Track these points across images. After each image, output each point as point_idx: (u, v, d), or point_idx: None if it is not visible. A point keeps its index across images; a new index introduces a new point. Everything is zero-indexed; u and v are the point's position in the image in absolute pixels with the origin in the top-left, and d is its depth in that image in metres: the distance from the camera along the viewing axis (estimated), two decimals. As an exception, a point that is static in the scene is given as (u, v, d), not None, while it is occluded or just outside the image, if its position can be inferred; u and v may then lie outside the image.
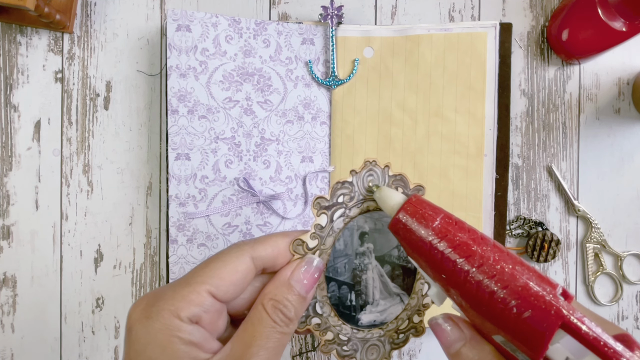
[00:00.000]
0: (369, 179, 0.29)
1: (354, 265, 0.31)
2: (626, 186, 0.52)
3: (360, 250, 0.31)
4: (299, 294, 0.26)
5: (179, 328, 0.24)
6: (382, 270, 0.32)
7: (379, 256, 0.31)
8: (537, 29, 0.52)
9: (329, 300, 0.30)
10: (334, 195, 0.29)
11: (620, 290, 0.51)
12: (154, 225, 0.51)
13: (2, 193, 0.51)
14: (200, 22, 0.48)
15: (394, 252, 0.31)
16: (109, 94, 0.51)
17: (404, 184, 0.31)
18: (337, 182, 0.29)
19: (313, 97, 0.50)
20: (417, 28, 0.49)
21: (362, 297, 0.31)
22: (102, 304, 0.51)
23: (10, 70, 0.51)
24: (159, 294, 0.25)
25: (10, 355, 0.51)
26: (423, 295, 0.32)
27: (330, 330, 0.30)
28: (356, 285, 0.31)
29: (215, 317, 0.25)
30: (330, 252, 0.29)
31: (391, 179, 0.30)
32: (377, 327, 0.31)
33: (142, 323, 0.24)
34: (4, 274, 0.51)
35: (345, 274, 0.31)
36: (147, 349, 0.23)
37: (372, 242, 0.31)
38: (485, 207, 0.48)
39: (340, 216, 0.29)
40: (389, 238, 0.31)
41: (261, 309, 0.25)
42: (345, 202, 0.29)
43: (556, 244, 0.50)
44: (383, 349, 0.31)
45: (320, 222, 0.29)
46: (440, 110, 0.49)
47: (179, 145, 0.48)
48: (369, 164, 0.29)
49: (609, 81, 0.52)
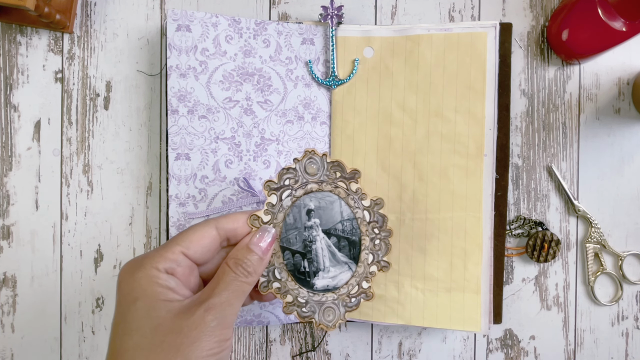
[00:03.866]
0: (310, 165, 0.36)
1: (304, 237, 0.37)
2: (626, 186, 0.52)
3: (308, 224, 0.37)
4: (257, 255, 0.33)
5: (158, 276, 0.31)
6: (329, 241, 0.38)
7: (325, 230, 0.37)
8: (537, 29, 0.52)
9: (285, 267, 0.36)
10: (281, 179, 0.36)
11: (621, 290, 0.51)
12: (154, 225, 0.51)
13: (2, 193, 0.51)
14: (200, 22, 0.48)
15: (339, 226, 0.38)
16: (109, 94, 0.51)
17: (342, 169, 0.37)
18: (282, 169, 0.36)
19: (313, 97, 0.50)
20: (417, 28, 0.49)
21: (314, 265, 0.37)
22: (102, 304, 0.51)
23: (10, 70, 0.51)
24: (143, 255, 0.32)
25: (10, 355, 0.51)
26: (369, 264, 0.37)
27: (290, 294, 0.36)
28: (307, 254, 0.37)
29: (187, 272, 0.32)
30: (282, 226, 0.36)
31: (329, 165, 0.36)
32: (330, 292, 0.37)
33: (129, 274, 0.31)
34: (4, 274, 0.51)
35: (297, 244, 0.37)
36: (132, 292, 0.30)
37: (318, 218, 0.37)
38: (485, 207, 0.48)
39: (288, 196, 0.36)
40: (333, 214, 0.37)
41: (225, 266, 0.32)
42: (291, 184, 0.36)
43: (556, 244, 0.50)
44: (338, 311, 0.37)
45: (271, 200, 0.36)
46: (440, 110, 0.49)
47: (179, 145, 0.48)
48: (308, 152, 0.36)
49: (609, 81, 0.52)
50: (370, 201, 0.37)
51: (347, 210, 0.37)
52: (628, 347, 0.52)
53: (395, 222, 0.49)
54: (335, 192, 0.37)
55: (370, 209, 0.37)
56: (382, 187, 0.49)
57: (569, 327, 0.52)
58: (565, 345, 0.52)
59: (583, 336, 0.52)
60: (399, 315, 0.48)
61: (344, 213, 0.37)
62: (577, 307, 0.52)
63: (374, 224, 0.38)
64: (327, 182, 0.37)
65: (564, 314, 0.52)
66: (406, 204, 0.49)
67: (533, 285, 0.52)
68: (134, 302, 0.30)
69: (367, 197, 0.37)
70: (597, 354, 0.52)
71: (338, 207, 0.37)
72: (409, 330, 0.52)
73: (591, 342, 0.52)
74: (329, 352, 0.52)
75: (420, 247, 0.49)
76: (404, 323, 0.48)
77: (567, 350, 0.52)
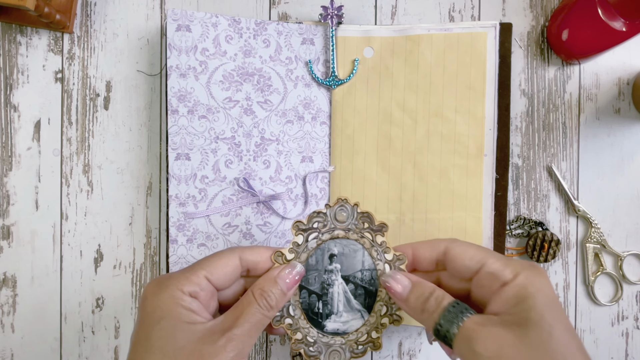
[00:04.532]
0: (340, 213, 0.37)
1: (323, 279, 0.38)
2: (626, 186, 0.52)
3: (329, 268, 0.38)
4: (281, 289, 0.34)
5: (182, 298, 0.31)
6: (346, 287, 0.38)
7: (345, 276, 0.38)
8: (537, 29, 0.52)
9: (300, 305, 0.37)
10: (310, 221, 0.37)
11: (620, 290, 0.51)
12: (154, 225, 0.51)
13: (2, 193, 0.51)
14: (200, 22, 0.48)
15: (358, 275, 0.38)
16: (109, 94, 0.51)
17: (370, 220, 0.38)
18: (313, 212, 0.37)
19: (313, 97, 0.50)
20: (417, 28, 0.49)
21: (328, 307, 0.38)
22: (102, 304, 0.51)
23: (10, 70, 0.51)
24: (168, 275, 0.33)
25: (10, 355, 0.51)
26: (381, 315, 0.37)
27: (300, 331, 0.37)
28: (323, 296, 0.38)
29: (208, 296, 0.33)
30: (304, 265, 0.37)
31: (359, 215, 0.38)
32: (339, 336, 0.37)
33: (154, 293, 0.32)
34: (4, 274, 0.51)
35: (315, 285, 0.38)
36: (157, 310, 0.31)
37: (340, 263, 0.38)
38: (485, 207, 0.48)
39: (314, 238, 0.37)
40: (354, 262, 0.38)
41: (250, 295, 0.33)
42: (319, 228, 0.37)
43: (556, 244, 0.50)
44: (344, 355, 0.37)
45: (297, 240, 0.37)
46: (440, 110, 0.49)
47: (179, 145, 0.48)
48: (341, 200, 0.37)
49: (609, 81, 0.52)
50: (393, 255, 0.38)
51: (369, 260, 0.38)
52: (628, 347, 0.52)
53: (395, 222, 0.49)
54: (361, 241, 0.38)
55: (392, 262, 0.38)
56: (382, 187, 0.49)
57: (569, 327, 0.52)
58: (565, 345, 0.52)
59: (583, 336, 0.52)
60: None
61: (366, 263, 0.38)
62: (577, 307, 0.52)
63: None
64: (354, 231, 0.38)
65: (564, 314, 0.52)
66: (406, 204, 0.49)
67: (533, 285, 0.52)
68: (158, 322, 0.30)
69: (391, 251, 0.38)
70: (597, 354, 0.52)
71: (360, 256, 0.38)
72: (409, 330, 0.52)
73: (591, 342, 0.52)
74: (329, 352, 0.52)
75: (420, 247, 0.49)
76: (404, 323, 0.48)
77: (567, 350, 0.52)
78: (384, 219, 0.49)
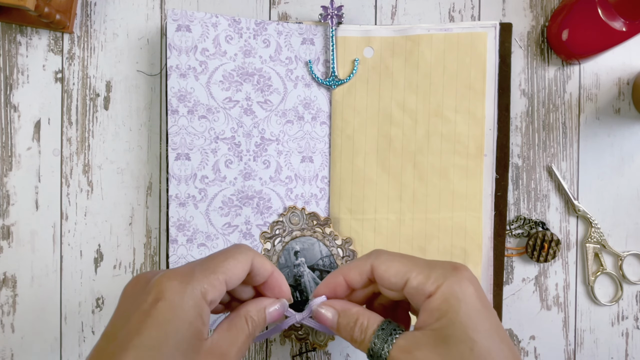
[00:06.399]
0: (293, 217, 0.48)
1: (294, 273, 0.47)
2: (626, 186, 0.52)
3: (296, 263, 0.48)
4: (267, 319, 0.34)
5: (204, 309, 0.29)
6: (313, 275, 0.48)
7: (309, 265, 0.48)
8: (537, 29, 0.52)
9: None
10: (273, 230, 0.48)
11: (620, 290, 0.51)
12: (154, 225, 0.51)
13: (2, 193, 0.51)
14: (200, 22, 0.48)
15: (320, 262, 0.48)
16: (109, 94, 0.51)
17: (317, 218, 0.48)
18: (273, 222, 0.48)
19: (313, 97, 0.50)
20: (417, 28, 0.49)
21: (304, 294, 0.47)
22: (102, 304, 0.51)
23: (10, 70, 0.51)
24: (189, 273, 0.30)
25: (10, 355, 0.51)
26: None
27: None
28: (298, 286, 0.47)
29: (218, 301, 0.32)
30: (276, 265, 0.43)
31: (307, 216, 0.48)
32: None
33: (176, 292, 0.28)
34: (4, 274, 0.51)
35: (289, 279, 0.47)
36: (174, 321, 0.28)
37: (303, 257, 0.48)
38: (485, 207, 0.48)
39: (279, 242, 0.48)
40: (314, 253, 0.48)
41: (244, 321, 0.33)
42: (281, 233, 0.48)
43: (556, 244, 0.50)
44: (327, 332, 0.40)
45: (267, 247, 0.48)
46: (440, 110, 0.49)
47: (179, 145, 0.48)
48: (291, 208, 0.48)
49: (609, 81, 0.52)
50: (341, 240, 0.48)
51: (324, 249, 0.47)
52: (628, 347, 0.52)
53: (395, 222, 0.49)
54: (314, 235, 0.48)
55: (342, 246, 0.48)
56: (382, 187, 0.49)
57: (569, 327, 0.52)
58: (565, 345, 0.52)
59: (583, 336, 0.52)
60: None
61: (323, 251, 0.47)
62: (577, 307, 0.52)
63: (346, 257, 0.48)
64: (307, 229, 0.48)
65: (564, 314, 0.52)
66: (406, 204, 0.49)
67: (533, 285, 0.52)
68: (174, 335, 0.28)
69: (339, 237, 0.48)
70: (597, 354, 0.52)
71: (318, 247, 0.47)
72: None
73: (591, 342, 0.52)
74: (329, 352, 0.52)
75: (420, 247, 0.49)
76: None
77: (567, 350, 0.52)
78: (384, 218, 0.49)
